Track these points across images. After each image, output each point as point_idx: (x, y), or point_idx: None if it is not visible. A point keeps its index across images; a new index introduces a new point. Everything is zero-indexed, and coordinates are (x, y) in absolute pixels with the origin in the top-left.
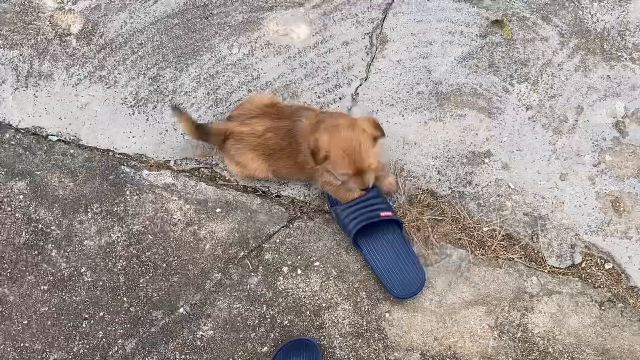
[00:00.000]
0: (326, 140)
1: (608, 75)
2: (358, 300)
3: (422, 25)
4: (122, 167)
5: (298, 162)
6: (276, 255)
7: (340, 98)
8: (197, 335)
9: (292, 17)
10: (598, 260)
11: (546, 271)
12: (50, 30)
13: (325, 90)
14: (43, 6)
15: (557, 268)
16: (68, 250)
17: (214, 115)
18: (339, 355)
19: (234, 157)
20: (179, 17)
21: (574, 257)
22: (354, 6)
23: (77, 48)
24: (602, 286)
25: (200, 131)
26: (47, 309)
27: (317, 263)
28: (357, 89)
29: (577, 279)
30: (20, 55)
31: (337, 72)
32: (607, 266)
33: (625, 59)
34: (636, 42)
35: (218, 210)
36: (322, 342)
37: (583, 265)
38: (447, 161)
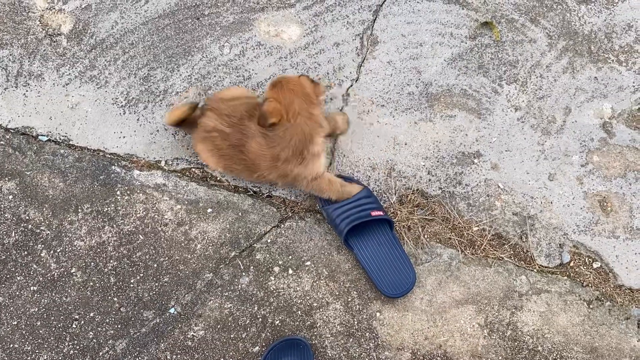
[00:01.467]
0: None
1: (595, 77)
2: (349, 299)
3: (412, 26)
4: (113, 167)
5: (251, 171)
6: (267, 255)
7: (331, 99)
8: (189, 336)
9: (283, 18)
10: (586, 259)
11: (535, 270)
12: (41, 30)
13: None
14: (33, 6)
15: (545, 267)
16: (58, 251)
17: None
18: (330, 355)
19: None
20: (170, 17)
21: (563, 256)
22: (344, 7)
23: (68, 48)
24: (590, 285)
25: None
26: (36, 309)
27: (308, 263)
28: (348, 89)
29: (565, 278)
30: (10, 54)
31: (328, 73)
32: (595, 265)
33: (612, 60)
34: (622, 44)
35: (209, 210)
36: (313, 342)
37: (571, 264)
38: (437, 161)
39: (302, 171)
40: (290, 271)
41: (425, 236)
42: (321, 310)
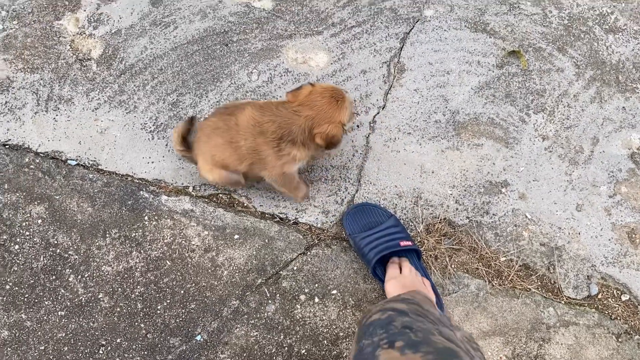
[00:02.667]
0: (330, 125)
1: (623, 107)
2: None
3: (440, 54)
4: (141, 192)
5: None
6: (293, 283)
7: (357, 126)
8: None
9: (311, 45)
10: (614, 291)
11: (563, 302)
12: (71, 54)
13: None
14: (64, 31)
15: (573, 299)
16: (86, 276)
17: None
18: None
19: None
20: (199, 43)
21: (591, 288)
22: (372, 35)
23: (98, 73)
24: (618, 318)
25: (185, 143)
26: (64, 334)
27: (334, 291)
28: (374, 116)
29: (593, 310)
30: (41, 79)
31: (355, 100)
32: (623, 298)
33: None
34: None
35: (236, 236)
36: None
37: (599, 296)
38: (465, 190)
39: (273, 160)
40: (317, 300)
41: (453, 266)
42: (347, 340)
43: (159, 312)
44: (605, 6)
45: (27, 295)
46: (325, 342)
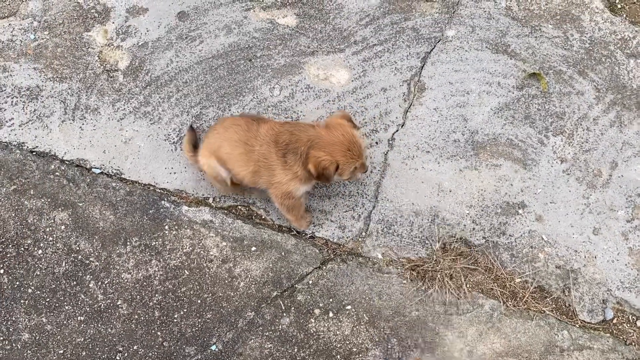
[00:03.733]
0: (327, 156)
1: None
2: (389, 347)
3: (460, 74)
4: (162, 202)
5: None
6: (308, 297)
7: (376, 143)
8: None
9: (333, 63)
10: (630, 317)
11: (577, 325)
12: (99, 65)
13: (363, 135)
14: (93, 42)
15: (588, 323)
16: (106, 282)
17: None
18: None
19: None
20: (224, 58)
21: (606, 312)
22: (393, 54)
23: (124, 84)
24: (633, 343)
25: (196, 149)
26: (82, 339)
27: (349, 307)
28: (393, 134)
29: (608, 334)
30: (69, 88)
31: (374, 117)
32: (639, 323)
33: None
34: None
35: (253, 248)
36: None
37: (614, 321)
38: (482, 210)
39: (279, 173)
40: (331, 314)
41: (468, 285)
42: (360, 355)
43: (175, 320)
44: (627, 31)
45: (48, 300)
46: (339, 356)
